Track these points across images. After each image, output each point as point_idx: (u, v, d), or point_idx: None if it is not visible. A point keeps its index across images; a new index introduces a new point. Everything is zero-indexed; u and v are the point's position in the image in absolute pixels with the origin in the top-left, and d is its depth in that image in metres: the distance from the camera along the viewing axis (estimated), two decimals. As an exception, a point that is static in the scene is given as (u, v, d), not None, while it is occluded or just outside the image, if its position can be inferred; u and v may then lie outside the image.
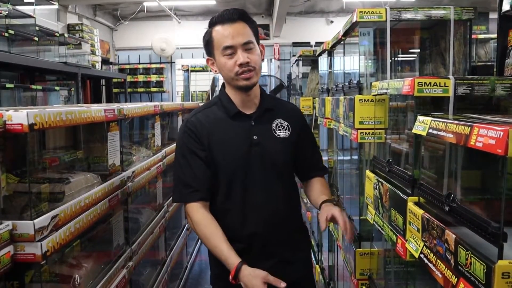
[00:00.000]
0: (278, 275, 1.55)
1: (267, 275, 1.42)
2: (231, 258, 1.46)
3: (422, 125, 1.16)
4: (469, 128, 0.91)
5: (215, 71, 1.62)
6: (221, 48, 1.53)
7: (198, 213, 1.55)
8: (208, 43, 1.58)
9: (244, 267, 1.43)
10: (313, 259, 3.91)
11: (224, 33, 1.52)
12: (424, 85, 1.23)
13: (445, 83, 1.23)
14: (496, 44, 1.88)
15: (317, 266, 3.68)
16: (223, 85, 1.67)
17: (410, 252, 1.23)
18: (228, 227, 1.55)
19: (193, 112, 1.67)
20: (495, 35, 3.03)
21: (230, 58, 1.53)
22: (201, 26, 9.04)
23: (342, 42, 2.51)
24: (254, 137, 1.59)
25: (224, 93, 1.64)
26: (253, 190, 1.58)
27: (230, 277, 1.43)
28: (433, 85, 1.23)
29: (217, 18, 1.55)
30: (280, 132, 1.63)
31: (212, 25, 1.57)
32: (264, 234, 1.58)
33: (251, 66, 1.53)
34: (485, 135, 0.84)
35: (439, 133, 1.04)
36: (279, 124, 1.65)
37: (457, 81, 1.23)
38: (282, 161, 1.63)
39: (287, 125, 1.66)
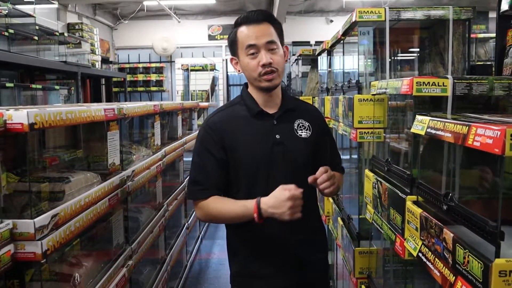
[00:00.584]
0: (296, 276, 1.60)
1: (282, 186, 1.43)
2: (248, 202, 1.48)
3: (421, 124, 1.16)
4: (467, 127, 0.91)
5: (239, 71, 1.63)
6: (245, 47, 1.54)
7: (207, 201, 1.56)
8: (233, 43, 1.60)
9: (263, 198, 1.45)
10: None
11: (248, 33, 1.54)
12: (423, 85, 1.24)
13: (443, 83, 1.24)
14: (495, 43, 1.89)
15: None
16: (245, 84, 1.69)
17: (408, 250, 1.24)
18: (248, 227, 1.54)
19: (215, 111, 1.68)
20: (494, 34, 3.03)
21: (253, 58, 1.54)
22: (201, 25, 9.08)
23: (342, 41, 2.51)
24: (276, 136, 1.59)
25: (246, 92, 1.65)
26: (275, 189, 1.55)
27: (255, 216, 1.44)
28: (432, 85, 1.24)
29: (243, 19, 1.57)
30: (302, 132, 1.64)
31: (237, 25, 1.58)
32: (284, 234, 1.58)
33: (274, 67, 1.54)
34: (483, 134, 0.85)
35: (438, 132, 1.05)
36: (301, 124, 1.65)
37: (455, 81, 1.24)
38: (303, 160, 1.63)
39: (308, 125, 1.66)
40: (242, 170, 1.59)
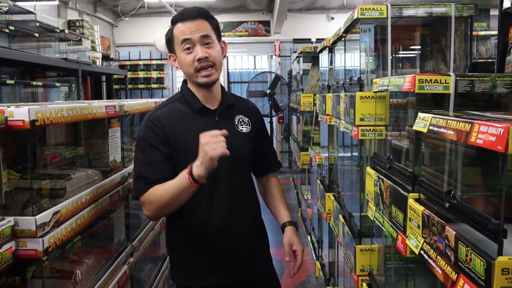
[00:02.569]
0: (244, 267, 1.65)
1: (212, 133, 1.39)
2: (182, 172, 1.42)
3: (423, 122, 1.16)
4: (470, 125, 0.91)
5: (177, 68, 1.63)
6: (180, 42, 1.55)
7: (147, 193, 1.50)
8: (170, 40, 1.61)
9: (193, 163, 1.40)
10: (313, 255, 3.92)
11: (183, 29, 1.55)
12: (425, 82, 1.23)
13: (445, 80, 1.23)
14: (496, 41, 1.88)
15: (317, 263, 3.69)
16: (184, 80, 1.69)
17: (410, 248, 1.23)
18: (194, 221, 1.58)
19: (156, 107, 1.65)
20: (496, 32, 3.03)
21: (189, 53, 1.54)
22: (202, 22, 9.04)
23: (343, 38, 2.51)
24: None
25: (186, 88, 1.65)
26: (220, 184, 1.59)
27: (188, 178, 1.39)
28: (434, 82, 1.23)
29: (178, 16, 1.58)
30: (242, 127, 1.67)
31: (174, 23, 1.60)
32: (229, 227, 1.61)
33: (210, 61, 1.55)
34: (486, 132, 0.84)
35: (440, 130, 1.05)
36: (241, 120, 1.69)
37: (457, 78, 1.23)
38: (245, 155, 1.67)
39: (248, 121, 1.70)
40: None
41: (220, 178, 1.58)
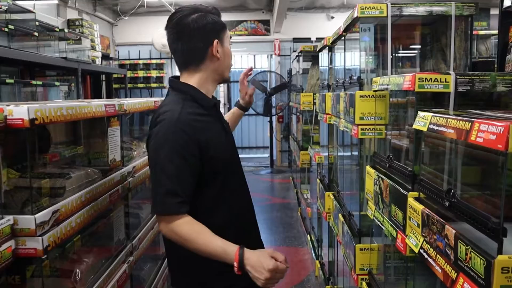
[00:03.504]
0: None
1: (273, 251, 1.39)
2: (229, 246, 1.36)
3: (423, 120, 1.16)
4: (470, 123, 0.91)
5: (218, 58, 1.54)
6: (228, 37, 1.60)
7: (182, 220, 1.40)
8: (223, 28, 1.58)
9: (246, 250, 1.35)
10: (313, 254, 3.92)
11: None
12: (425, 81, 1.23)
13: (445, 79, 1.23)
14: (496, 40, 1.88)
15: (317, 262, 3.69)
16: (178, 79, 1.58)
17: (410, 247, 1.23)
18: (218, 221, 1.50)
19: (174, 110, 1.47)
20: (496, 31, 3.02)
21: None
22: (201, 21, 9.03)
23: (343, 38, 2.50)
24: (224, 125, 1.63)
25: (190, 87, 1.54)
26: (240, 175, 1.65)
27: (235, 266, 1.32)
28: (434, 81, 1.23)
29: (218, 12, 1.60)
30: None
31: (218, 15, 1.60)
32: (251, 215, 1.68)
33: None
34: (486, 130, 0.84)
35: (440, 128, 1.05)
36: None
37: (458, 77, 1.23)
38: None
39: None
40: (217, 167, 1.50)
41: (237, 166, 1.65)
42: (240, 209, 1.62)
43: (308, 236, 4.41)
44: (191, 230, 1.39)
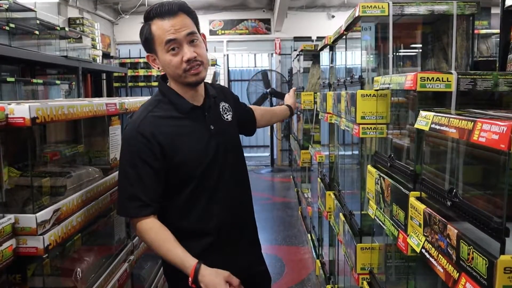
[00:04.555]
0: (245, 264, 1.61)
1: (229, 275, 1.36)
2: (188, 259, 1.37)
3: (425, 120, 1.15)
4: (472, 123, 0.90)
5: (158, 68, 1.51)
6: (164, 43, 1.42)
7: (148, 223, 1.44)
8: (148, 40, 1.47)
9: (203, 267, 1.36)
10: (314, 253, 3.92)
11: (165, 27, 1.42)
12: (427, 80, 1.23)
13: (447, 78, 1.23)
14: (497, 39, 1.87)
15: (318, 261, 3.69)
16: (162, 80, 1.58)
17: (411, 247, 1.23)
18: (193, 222, 1.51)
19: (140, 114, 1.49)
20: (496, 30, 3.00)
21: (175, 55, 1.43)
22: (202, 20, 9.03)
23: (344, 36, 2.50)
24: (211, 127, 1.55)
25: (168, 88, 1.54)
26: (219, 182, 1.57)
27: (190, 280, 1.35)
28: (436, 80, 1.23)
29: (155, 12, 1.43)
30: (226, 115, 1.65)
31: (149, 19, 1.45)
32: (231, 225, 1.59)
33: (199, 60, 1.46)
34: (488, 130, 0.84)
35: (442, 128, 1.04)
36: (224, 107, 1.66)
37: (459, 76, 1.23)
38: (235, 143, 1.66)
39: (228, 106, 1.68)
40: (184, 171, 1.49)
41: (219, 172, 1.56)
42: (222, 212, 1.56)
43: (309, 235, 4.41)
44: (156, 237, 1.43)
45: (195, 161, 1.51)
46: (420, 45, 2.16)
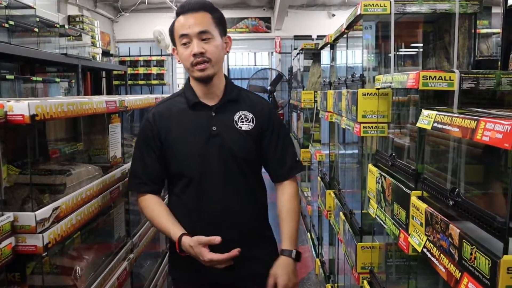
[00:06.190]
0: (238, 271, 1.55)
1: (199, 238, 1.45)
2: (175, 231, 1.51)
3: (427, 119, 1.15)
4: (476, 122, 0.90)
5: (178, 61, 1.61)
6: (178, 36, 1.53)
7: (146, 199, 1.62)
8: (171, 33, 1.59)
9: (184, 237, 1.48)
10: (313, 252, 3.92)
11: (183, 23, 1.52)
12: (429, 79, 1.22)
13: (450, 77, 1.22)
14: (498, 38, 1.87)
15: (317, 260, 3.69)
16: (189, 76, 1.66)
17: (412, 246, 1.23)
18: (182, 220, 1.57)
19: (158, 102, 1.69)
20: (497, 30, 3.00)
21: (186, 48, 1.52)
22: (202, 18, 9.02)
23: (345, 35, 2.49)
24: (213, 128, 1.55)
25: (188, 84, 1.64)
26: (211, 183, 1.56)
27: (176, 247, 1.49)
28: (438, 79, 1.22)
29: (180, 9, 1.55)
30: (243, 124, 1.58)
31: (177, 15, 1.57)
32: (218, 229, 1.52)
33: (206, 57, 1.51)
34: (492, 129, 0.83)
35: (444, 127, 1.04)
36: (243, 116, 1.60)
37: (462, 75, 1.22)
38: (242, 154, 1.57)
39: (252, 118, 1.60)
40: (176, 165, 1.58)
41: (210, 179, 1.55)
42: (207, 219, 1.56)
43: (308, 234, 4.41)
44: (152, 213, 1.60)
45: (186, 157, 1.55)
46: (422, 44, 2.15)
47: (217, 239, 1.44)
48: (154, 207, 1.60)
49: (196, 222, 1.57)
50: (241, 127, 1.58)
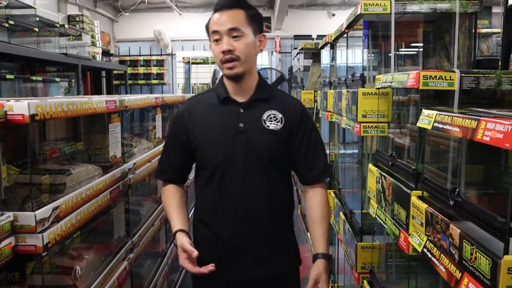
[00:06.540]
0: (251, 270, 1.57)
1: (183, 245, 1.47)
2: (175, 225, 1.56)
3: (427, 118, 1.14)
4: (476, 122, 0.89)
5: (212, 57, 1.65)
6: (211, 33, 1.54)
7: (166, 188, 1.68)
8: (206, 29, 1.59)
9: (178, 234, 1.52)
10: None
11: (215, 19, 1.52)
12: (430, 78, 1.22)
13: (450, 77, 1.22)
14: (498, 38, 1.86)
15: (317, 260, 3.68)
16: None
17: (413, 246, 1.22)
18: (204, 212, 1.62)
19: (192, 96, 1.74)
20: (497, 30, 2.99)
21: (217, 45, 1.52)
22: (202, 18, 9.01)
23: (345, 35, 2.49)
24: (240, 125, 1.54)
25: (221, 80, 1.65)
26: (232, 179, 1.54)
27: (172, 237, 1.55)
28: (439, 79, 1.22)
29: (215, 5, 1.56)
30: (271, 124, 1.56)
31: (213, 12, 1.58)
32: (235, 225, 1.54)
33: (235, 55, 1.50)
34: (493, 129, 0.83)
35: (445, 127, 1.03)
36: (272, 116, 1.57)
37: (462, 75, 1.22)
38: (267, 153, 1.55)
39: (281, 118, 1.57)
40: (201, 158, 1.59)
41: (232, 175, 1.53)
42: (228, 215, 1.56)
43: (309, 233, 4.40)
44: (164, 200, 1.66)
45: (211, 151, 1.55)
46: (422, 44, 2.15)
47: (209, 267, 1.47)
48: (169, 196, 1.65)
49: (215, 216, 1.58)
50: (268, 126, 1.56)
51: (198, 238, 1.64)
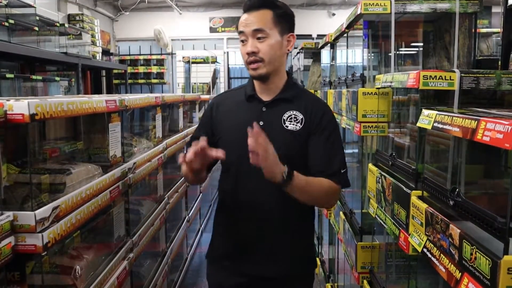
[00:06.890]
0: (264, 267, 1.58)
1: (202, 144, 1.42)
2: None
3: (427, 118, 1.14)
4: (476, 122, 0.89)
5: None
6: (238, 33, 1.57)
7: None
8: (237, 29, 1.60)
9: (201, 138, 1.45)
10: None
11: (242, 20, 1.54)
12: (430, 78, 1.22)
13: (450, 77, 1.22)
14: (498, 38, 1.86)
15: (317, 259, 3.69)
16: None
17: (412, 246, 1.23)
18: (222, 206, 1.68)
19: (221, 92, 1.82)
20: (497, 29, 2.99)
21: (244, 45, 1.55)
22: (202, 17, 9.02)
23: (345, 34, 2.49)
24: (260, 123, 1.53)
25: (250, 79, 1.67)
26: (247, 175, 1.54)
27: None
28: (439, 79, 1.22)
29: (243, 6, 1.56)
30: (290, 124, 1.55)
31: (243, 12, 1.59)
32: (249, 221, 1.58)
33: (259, 56, 1.51)
34: (493, 129, 0.83)
35: (445, 127, 1.03)
36: (292, 116, 1.56)
37: (462, 75, 1.22)
38: (283, 153, 1.48)
39: (302, 119, 1.55)
40: (223, 146, 1.57)
41: (248, 172, 1.51)
42: (243, 209, 1.59)
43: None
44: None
45: (231, 147, 1.55)
46: (422, 44, 2.15)
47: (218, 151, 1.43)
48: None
49: (232, 210, 1.62)
50: (287, 126, 1.55)
51: (217, 225, 1.72)
